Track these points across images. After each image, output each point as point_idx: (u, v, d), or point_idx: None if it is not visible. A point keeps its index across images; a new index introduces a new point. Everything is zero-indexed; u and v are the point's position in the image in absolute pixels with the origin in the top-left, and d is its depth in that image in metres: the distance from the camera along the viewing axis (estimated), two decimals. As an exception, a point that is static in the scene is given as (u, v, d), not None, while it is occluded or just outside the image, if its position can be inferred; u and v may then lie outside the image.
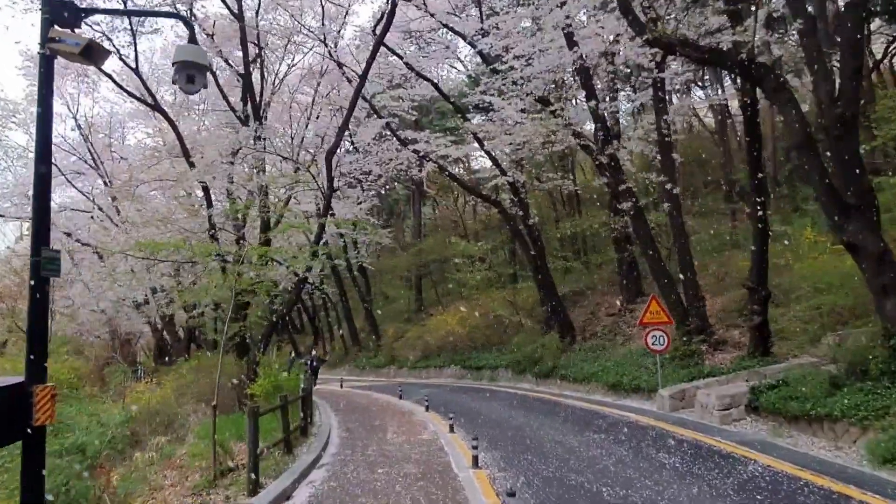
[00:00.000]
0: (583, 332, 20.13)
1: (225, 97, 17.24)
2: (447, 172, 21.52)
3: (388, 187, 42.53)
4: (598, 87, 17.54)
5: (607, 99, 16.72)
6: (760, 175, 11.90)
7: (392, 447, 9.98)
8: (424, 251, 33.30)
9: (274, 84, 21.86)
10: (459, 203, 40.50)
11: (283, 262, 12.79)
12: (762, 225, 12.08)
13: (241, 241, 14.16)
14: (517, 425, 11.31)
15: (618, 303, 20.27)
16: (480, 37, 18.67)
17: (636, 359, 15.45)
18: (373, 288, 37.93)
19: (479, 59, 28.69)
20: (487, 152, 18.77)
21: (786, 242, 16.63)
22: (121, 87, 15.60)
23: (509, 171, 19.47)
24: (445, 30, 25.09)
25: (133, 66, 15.22)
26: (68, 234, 27.47)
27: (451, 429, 11.02)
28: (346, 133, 27.31)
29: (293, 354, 26.88)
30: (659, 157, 15.53)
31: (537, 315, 23.11)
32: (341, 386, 23.49)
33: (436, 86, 18.69)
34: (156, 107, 16.08)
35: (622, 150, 15.36)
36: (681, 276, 14.50)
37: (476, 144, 23.65)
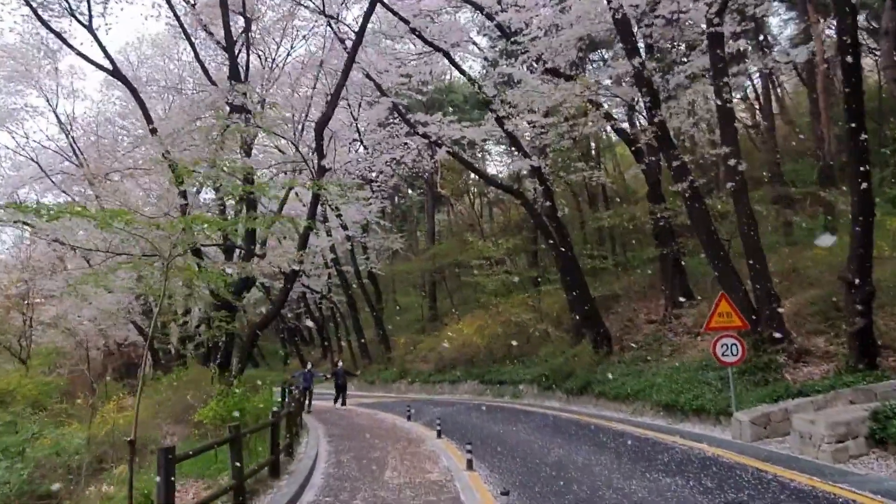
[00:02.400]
0: (620, 342, 17.44)
1: (206, 72, 15.10)
2: (461, 159, 19.06)
3: (399, 193, 40.49)
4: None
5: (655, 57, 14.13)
6: (864, 136, 9.22)
7: (390, 493, 7.43)
8: (439, 255, 30.86)
9: (272, 69, 19.96)
10: (475, 206, 38.16)
11: (257, 251, 10.41)
12: (866, 199, 9.41)
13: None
14: (556, 461, 8.69)
15: (661, 308, 17.56)
16: (500, 10, 16.45)
17: (692, 373, 12.78)
18: (384, 296, 35.49)
19: (494, 47, 26.63)
20: (509, 133, 16.31)
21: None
22: (78, 52, 13.40)
23: (533, 157, 17.01)
24: (456, 13, 22.93)
25: (86, 23, 13.04)
26: (56, 240, 25.52)
27: (470, 465, 8.44)
28: (353, 131, 25.22)
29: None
30: (715, 130, 12.95)
31: (565, 323, 20.48)
32: (344, 403, 20.98)
33: (447, 55, 16.31)
34: (115, 73, 13.90)
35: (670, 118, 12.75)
36: (749, 272, 11.79)
37: (493, 135, 21.33)
